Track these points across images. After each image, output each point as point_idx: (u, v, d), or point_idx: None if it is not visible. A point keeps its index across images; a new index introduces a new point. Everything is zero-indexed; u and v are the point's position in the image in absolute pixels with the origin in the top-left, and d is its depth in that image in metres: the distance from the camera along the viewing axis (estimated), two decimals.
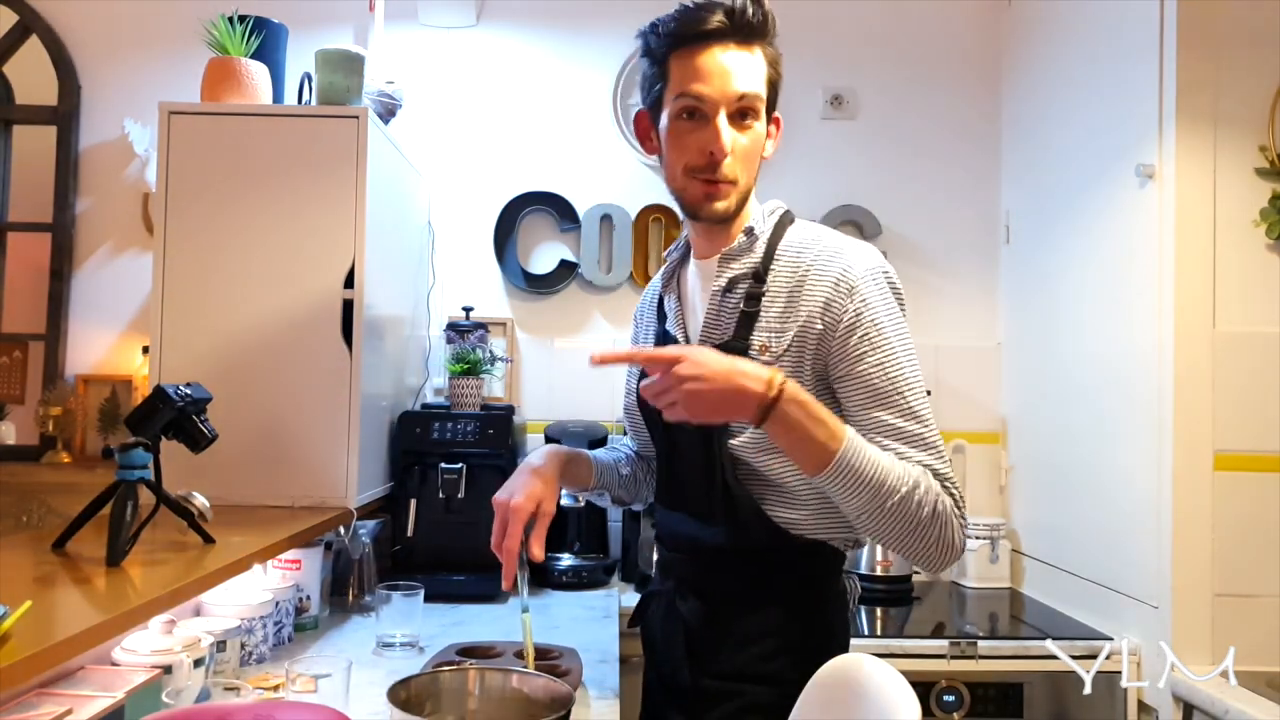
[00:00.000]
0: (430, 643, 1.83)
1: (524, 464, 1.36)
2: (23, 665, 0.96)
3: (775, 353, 1.21)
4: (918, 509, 1.12)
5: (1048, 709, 2.03)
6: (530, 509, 1.27)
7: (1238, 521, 1.88)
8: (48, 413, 2.52)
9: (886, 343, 1.18)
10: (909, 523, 1.12)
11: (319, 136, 1.98)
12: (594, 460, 1.47)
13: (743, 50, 1.22)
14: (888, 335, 1.19)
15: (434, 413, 2.33)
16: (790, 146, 2.77)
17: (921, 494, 1.12)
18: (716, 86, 1.21)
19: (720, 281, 1.28)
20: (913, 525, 1.12)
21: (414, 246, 2.52)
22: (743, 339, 1.23)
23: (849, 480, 1.11)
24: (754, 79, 1.23)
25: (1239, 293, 1.90)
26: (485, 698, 1.19)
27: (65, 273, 2.64)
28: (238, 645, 1.63)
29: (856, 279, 1.20)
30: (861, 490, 1.11)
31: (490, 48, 2.76)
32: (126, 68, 2.69)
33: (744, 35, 1.22)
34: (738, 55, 1.22)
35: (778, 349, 1.21)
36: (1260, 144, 1.92)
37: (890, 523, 1.12)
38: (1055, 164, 2.45)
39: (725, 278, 1.28)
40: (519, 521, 1.26)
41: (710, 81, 1.21)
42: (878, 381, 1.17)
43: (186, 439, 1.54)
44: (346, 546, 2.17)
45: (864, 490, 1.11)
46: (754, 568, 1.26)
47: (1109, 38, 2.17)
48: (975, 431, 2.70)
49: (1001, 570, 2.54)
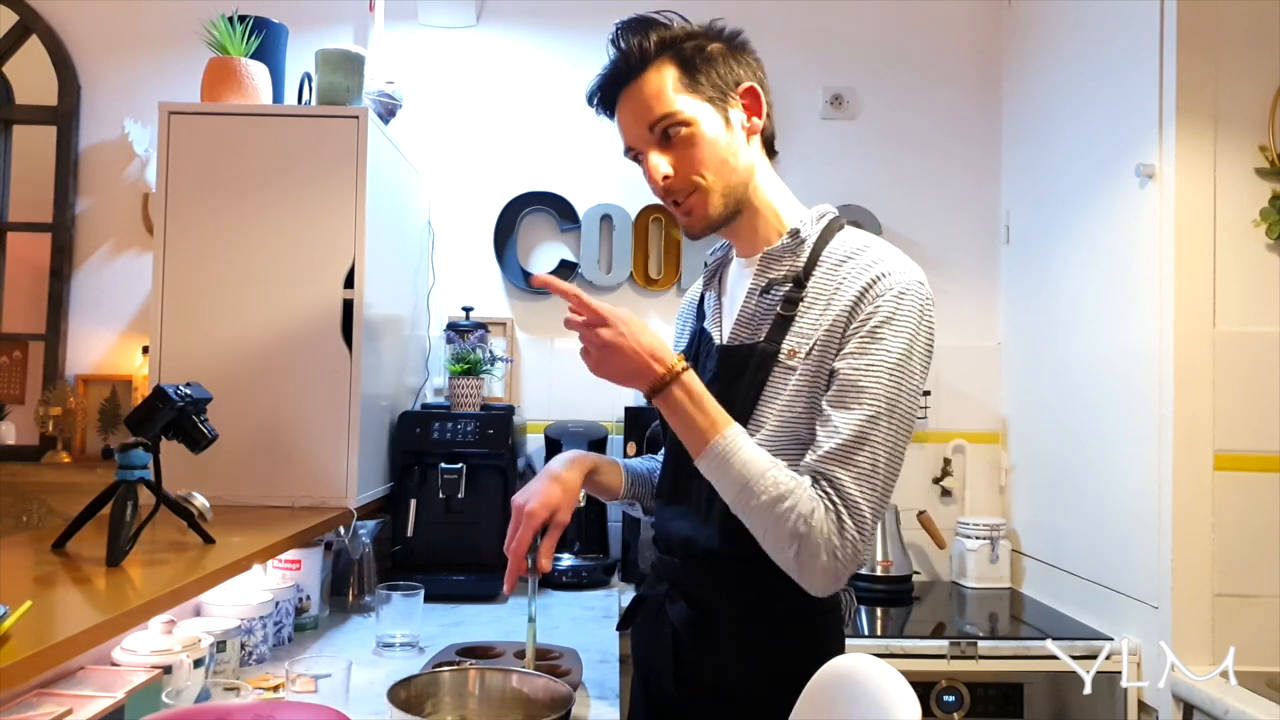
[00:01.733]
0: (430, 643, 1.83)
1: (548, 467, 1.36)
2: (23, 665, 0.96)
3: (801, 357, 1.19)
4: (778, 520, 1.11)
5: (1048, 709, 2.03)
6: (544, 516, 1.27)
7: (1238, 521, 1.88)
8: (48, 413, 2.52)
9: (881, 350, 1.14)
10: (767, 529, 1.13)
11: (319, 136, 1.98)
12: (626, 469, 1.46)
13: (634, 89, 1.24)
14: (886, 346, 1.15)
15: (434, 413, 2.34)
16: (790, 146, 2.75)
17: (786, 508, 1.11)
18: (633, 133, 1.26)
19: (759, 281, 1.27)
20: (772, 533, 1.13)
21: (414, 246, 2.52)
22: (774, 341, 1.22)
23: (718, 471, 1.15)
24: (652, 106, 1.23)
25: (1239, 293, 1.90)
26: (485, 698, 1.20)
27: (65, 273, 2.64)
28: (238, 645, 1.63)
29: (886, 288, 1.17)
30: (727, 485, 1.15)
31: (490, 48, 2.76)
32: (126, 68, 2.69)
33: (628, 80, 1.24)
34: (633, 96, 1.24)
35: (804, 353, 1.19)
36: (1260, 144, 1.92)
37: (753, 522, 1.15)
38: (1055, 164, 2.45)
39: (765, 278, 1.26)
40: (530, 529, 1.26)
41: (629, 132, 1.27)
42: (844, 382, 1.15)
43: (186, 439, 1.54)
44: (346, 546, 2.17)
45: (730, 485, 1.15)
46: (745, 574, 1.22)
47: (1109, 38, 2.17)
48: (975, 431, 2.70)
49: (1001, 570, 2.54)
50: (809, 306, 1.21)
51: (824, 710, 1.09)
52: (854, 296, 1.17)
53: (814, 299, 1.21)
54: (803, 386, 1.18)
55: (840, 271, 1.21)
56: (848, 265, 1.21)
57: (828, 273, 1.22)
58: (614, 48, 1.25)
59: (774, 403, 1.20)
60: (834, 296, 1.19)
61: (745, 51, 1.30)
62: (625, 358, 1.16)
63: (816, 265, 1.23)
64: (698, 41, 1.25)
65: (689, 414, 1.16)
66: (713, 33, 1.27)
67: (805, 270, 1.23)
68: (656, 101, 1.23)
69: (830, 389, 1.16)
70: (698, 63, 1.24)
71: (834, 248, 1.24)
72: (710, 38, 1.26)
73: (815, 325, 1.19)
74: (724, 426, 1.15)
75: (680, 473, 1.33)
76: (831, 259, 1.23)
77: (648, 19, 1.26)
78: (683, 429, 1.18)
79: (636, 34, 1.24)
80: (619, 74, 1.25)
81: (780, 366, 1.21)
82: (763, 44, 1.36)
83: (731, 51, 1.27)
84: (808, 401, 1.18)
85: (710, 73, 1.24)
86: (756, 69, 1.30)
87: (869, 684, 1.04)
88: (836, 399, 1.15)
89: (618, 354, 1.16)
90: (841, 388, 1.15)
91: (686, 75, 1.23)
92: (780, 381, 1.20)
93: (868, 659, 1.09)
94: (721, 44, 1.27)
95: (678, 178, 1.24)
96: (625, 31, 1.25)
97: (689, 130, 1.23)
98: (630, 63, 1.24)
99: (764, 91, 1.29)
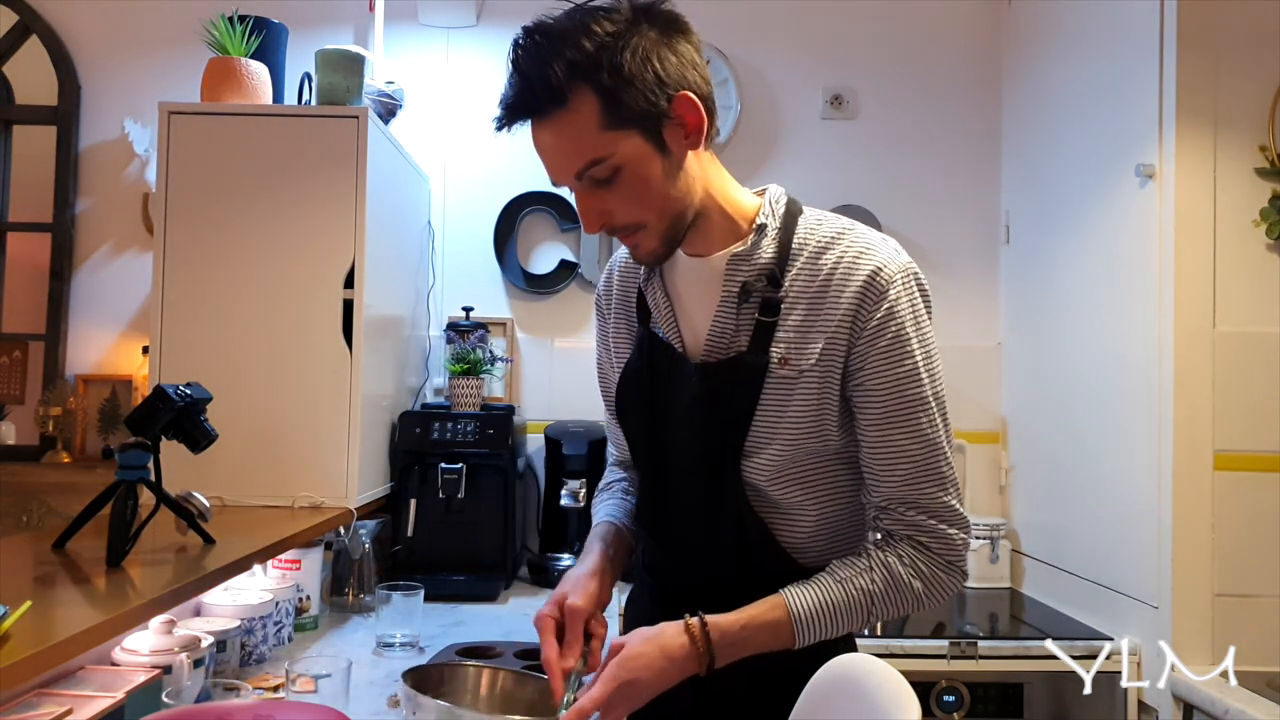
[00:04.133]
0: (430, 643, 1.83)
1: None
2: (23, 665, 0.96)
3: (799, 367, 1.10)
4: (905, 605, 1.13)
5: (1048, 709, 2.03)
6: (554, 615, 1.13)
7: (1238, 521, 1.88)
8: (48, 413, 2.52)
9: (910, 357, 1.09)
10: (896, 614, 1.14)
11: (319, 136, 1.98)
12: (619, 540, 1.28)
13: (548, 126, 1.04)
14: (913, 349, 1.09)
15: (434, 413, 2.34)
16: (790, 146, 2.77)
17: (884, 601, 1.11)
18: (555, 171, 1.08)
19: (732, 287, 1.13)
20: (910, 609, 1.14)
21: (414, 246, 2.52)
22: (759, 352, 1.11)
23: (825, 633, 1.11)
24: (574, 150, 1.04)
25: (1239, 293, 1.90)
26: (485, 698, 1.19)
27: (65, 273, 2.64)
28: (238, 645, 1.63)
29: (886, 282, 1.09)
30: (842, 629, 1.12)
31: (490, 48, 2.76)
32: (126, 68, 2.68)
33: (539, 115, 1.04)
34: (548, 131, 1.05)
35: (801, 363, 1.10)
36: (1260, 144, 1.92)
37: (884, 617, 1.15)
38: (1055, 164, 2.45)
39: (737, 283, 1.13)
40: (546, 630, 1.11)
41: (550, 168, 1.09)
42: (894, 401, 1.09)
43: (186, 439, 1.54)
44: (346, 546, 2.17)
45: (841, 629, 1.12)
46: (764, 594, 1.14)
47: (1109, 38, 2.17)
48: (975, 431, 2.70)
49: (1001, 570, 2.53)
50: (792, 306, 1.12)
51: (824, 710, 1.09)
52: (853, 299, 1.09)
53: (796, 297, 1.12)
54: (810, 399, 1.11)
55: (821, 265, 1.12)
56: (829, 257, 1.12)
57: (805, 266, 1.12)
58: (516, 73, 1.04)
59: (778, 416, 1.12)
60: (822, 295, 1.11)
61: (673, 34, 1.07)
62: (652, 683, 1.05)
63: (790, 259, 1.13)
64: (616, 56, 1.01)
65: (753, 647, 1.09)
66: (632, 23, 1.04)
67: (778, 264, 1.12)
68: (577, 146, 1.04)
69: (873, 407, 1.11)
70: (620, 88, 1.02)
71: (805, 236, 1.14)
72: (630, 33, 1.03)
73: (806, 328, 1.11)
74: (787, 626, 1.09)
75: (666, 502, 1.24)
76: (805, 250, 1.13)
77: (552, 33, 1.03)
78: (757, 648, 1.09)
79: (542, 60, 1.01)
80: (526, 106, 1.04)
81: (773, 377, 1.11)
82: (763, 44, 1.34)
83: (657, 44, 1.04)
84: (817, 414, 1.11)
85: (636, 96, 1.02)
86: (689, 52, 1.08)
87: (869, 684, 1.04)
88: (887, 419, 1.10)
89: (643, 687, 1.04)
90: (887, 405, 1.10)
91: (608, 107, 1.02)
92: (778, 393, 1.12)
93: (868, 659, 1.09)
94: (643, 35, 1.03)
95: (615, 219, 1.08)
96: (528, 56, 1.03)
97: (620, 172, 1.05)
98: (539, 97, 1.02)
99: (701, 82, 1.08)
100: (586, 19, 1.03)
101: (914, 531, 1.12)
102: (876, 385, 1.10)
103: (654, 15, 1.06)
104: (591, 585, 1.15)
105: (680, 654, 1.06)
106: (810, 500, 1.16)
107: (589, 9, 1.05)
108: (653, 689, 1.05)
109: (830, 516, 1.17)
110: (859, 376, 1.10)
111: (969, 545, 1.15)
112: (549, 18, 1.05)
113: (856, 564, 1.12)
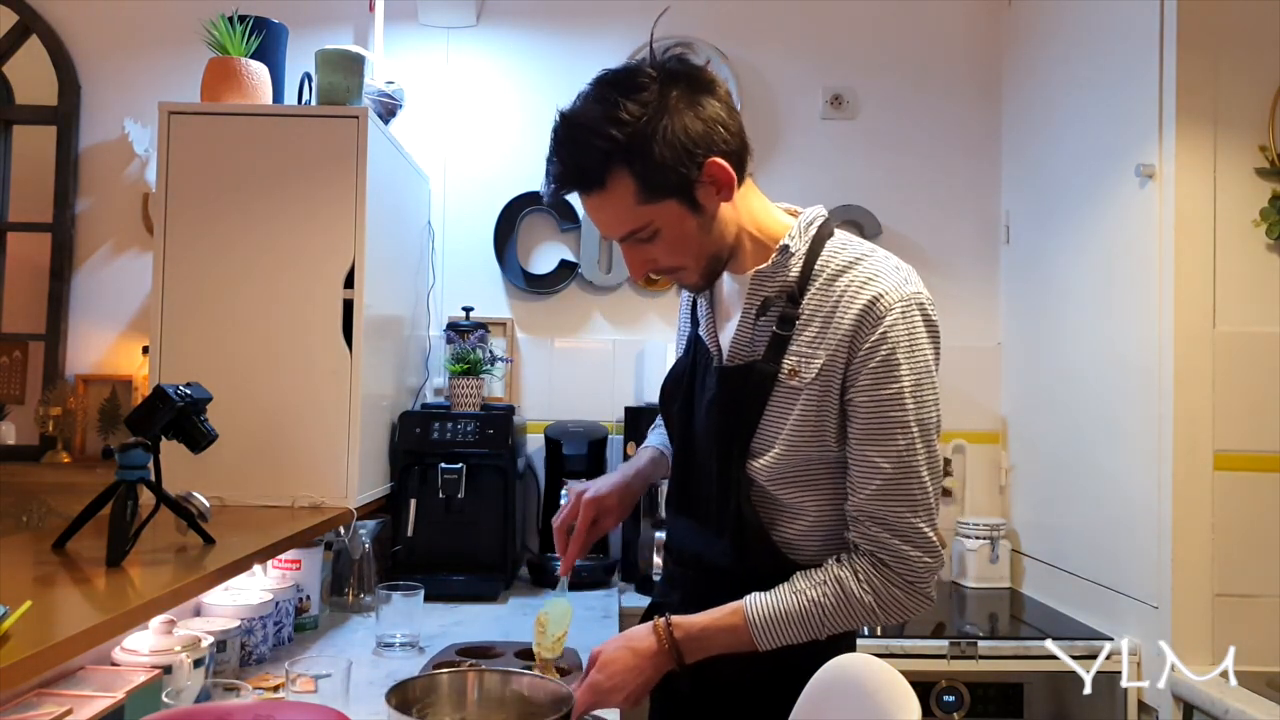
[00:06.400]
0: (430, 643, 1.83)
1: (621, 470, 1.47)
2: (23, 665, 0.96)
3: (805, 378, 1.19)
4: (856, 619, 1.20)
5: (1048, 709, 2.03)
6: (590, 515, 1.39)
7: (1238, 521, 1.88)
8: (48, 413, 2.52)
9: (896, 381, 1.15)
10: (856, 625, 1.22)
11: (319, 136, 1.98)
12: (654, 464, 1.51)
13: (590, 201, 1.18)
14: (901, 374, 1.15)
15: (434, 413, 2.34)
16: (790, 146, 2.77)
17: (834, 614, 1.19)
18: (599, 227, 1.23)
19: (754, 301, 1.24)
20: (862, 623, 1.22)
21: (414, 246, 2.52)
22: (773, 361, 1.21)
23: (779, 639, 1.19)
24: (616, 221, 1.18)
25: (1239, 293, 1.90)
26: (485, 698, 1.19)
27: (65, 273, 2.64)
28: (238, 645, 1.63)
29: (885, 309, 1.16)
30: (796, 638, 1.19)
31: (490, 48, 2.76)
32: (126, 68, 2.68)
33: (582, 192, 1.18)
34: (591, 207, 1.20)
35: (807, 375, 1.19)
36: (1260, 144, 1.92)
37: (843, 630, 1.23)
38: (1055, 164, 2.45)
39: (759, 298, 1.23)
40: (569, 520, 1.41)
41: (598, 226, 1.23)
42: (876, 420, 1.16)
43: (186, 439, 1.54)
44: (346, 546, 2.17)
45: (799, 636, 1.19)
46: (759, 589, 1.22)
47: (1109, 38, 2.17)
48: (975, 431, 2.70)
49: (1001, 570, 2.53)
50: (805, 324, 1.20)
51: (824, 710, 1.09)
52: (853, 322, 1.16)
53: (810, 316, 1.20)
54: (810, 410, 1.19)
55: (835, 288, 1.19)
56: (842, 281, 1.20)
57: (822, 288, 1.21)
58: (556, 159, 1.17)
59: (780, 423, 1.20)
60: (830, 316, 1.18)
61: (699, 93, 1.15)
62: (630, 684, 1.21)
63: (810, 280, 1.22)
64: (647, 143, 1.11)
65: (716, 646, 1.20)
66: (661, 95, 1.12)
67: (799, 285, 1.22)
68: (618, 218, 1.18)
69: (856, 423, 1.18)
70: (652, 166, 1.12)
71: (826, 260, 1.22)
72: (659, 111, 1.11)
73: (814, 344, 1.19)
74: (742, 614, 1.19)
75: (688, 482, 1.35)
76: (825, 273, 1.21)
77: (585, 122, 1.13)
78: (721, 648, 1.21)
79: (577, 151, 1.14)
80: (570, 185, 1.18)
81: (782, 386, 1.20)
82: (763, 44, 1.35)
83: (684, 113, 1.12)
84: (815, 425, 1.19)
85: (668, 170, 1.12)
86: (715, 109, 1.15)
87: (869, 684, 1.04)
88: (867, 435, 1.17)
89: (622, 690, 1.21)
90: (869, 423, 1.17)
91: (643, 184, 1.13)
92: (784, 401, 1.20)
93: (868, 659, 1.09)
94: (671, 107, 1.12)
95: (658, 265, 1.23)
96: (564, 146, 1.15)
97: (660, 233, 1.18)
98: (581, 181, 1.16)
99: (729, 138, 1.16)
100: (616, 103, 1.12)
101: (875, 548, 1.19)
102: (863, 403, 1.17)
103: (679, 79, 1.15)
104: (615, 485, 1.42)
105: (649, 651, 1.21)
106: (810, 501, 1.23)
107: (618, 84, 1.14)
108: (631, 681, 1.20)
109: (829, 517, 1.24)
110: (850, 393, 1.18)
111: (934, 570, 1.21)
112: (581, 102, 1.16)
113: (814, 576, 1.21)
